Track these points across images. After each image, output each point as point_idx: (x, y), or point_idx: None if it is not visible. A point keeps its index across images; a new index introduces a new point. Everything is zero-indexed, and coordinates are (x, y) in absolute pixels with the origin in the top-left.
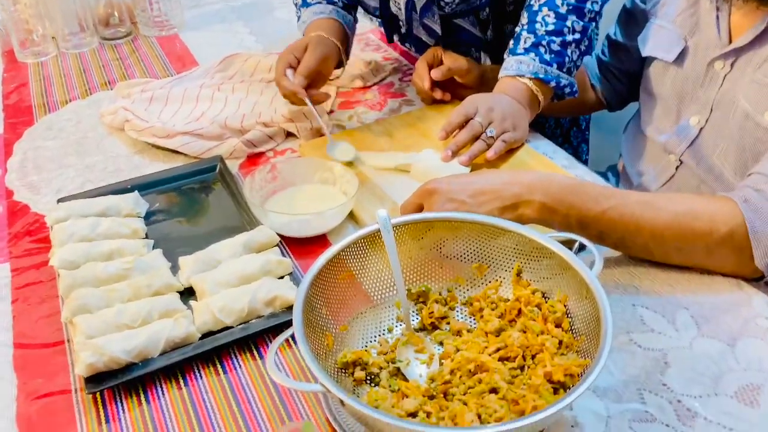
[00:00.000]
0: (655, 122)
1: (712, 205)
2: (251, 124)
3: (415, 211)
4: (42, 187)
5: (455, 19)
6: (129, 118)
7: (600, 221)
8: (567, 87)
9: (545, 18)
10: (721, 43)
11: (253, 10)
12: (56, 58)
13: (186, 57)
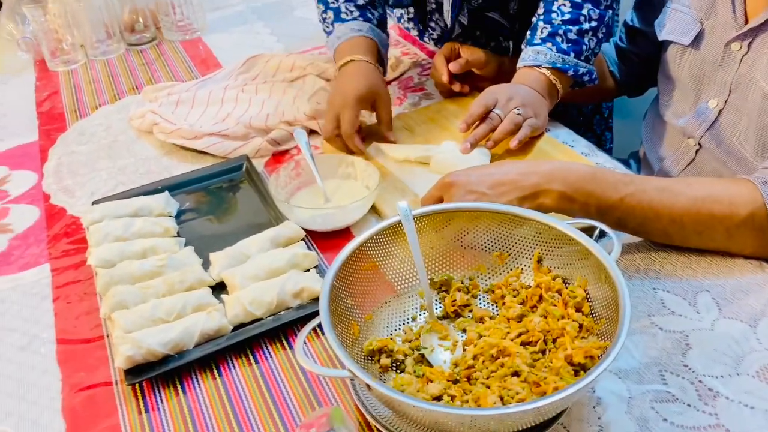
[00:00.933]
0: (674, 106)
1: (731, 188)
2: (275, 123)
3: (436, 204)
4: (77, 190)
5: (485, 12)
6: (157, 121)
7: (619, 208)
8: (586, 75)
9: (561, 7)
10: (737, 24)
11: (273, 10)
12: (85, 65)
13: (209, 59)
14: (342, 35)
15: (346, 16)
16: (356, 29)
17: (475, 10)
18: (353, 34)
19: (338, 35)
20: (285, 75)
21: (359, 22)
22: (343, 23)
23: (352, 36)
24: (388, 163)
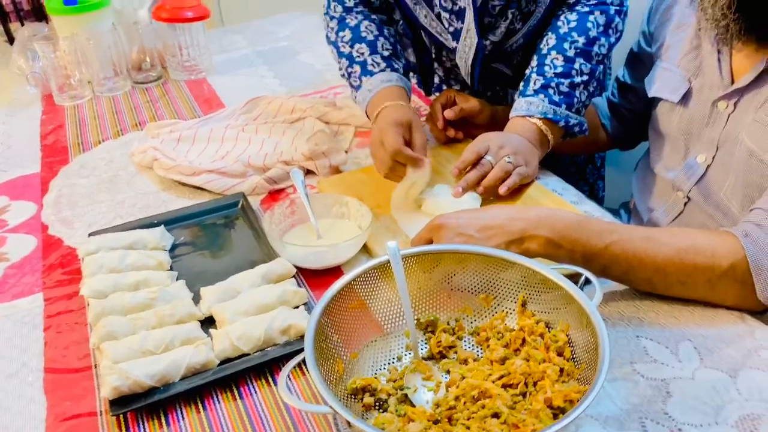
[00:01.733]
0: (664, 160)
1: (714, 239)
2: (273, 163)
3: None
4: (75, 222)
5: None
6: (157, 157)
7: (604, 256)
8: (576, 126)
9: (554, 61)
10: (723, 84)
11: (278, 55)
12: (91, 101)
13: (213, 99)
14: (373, 88)
15: (373, 68)
16: (386, 80)
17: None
18: (384, 85)
19: (369, 88)
20: (285, 116)
21: (387, 73)
22: (372, 76)
23: (383, 87)
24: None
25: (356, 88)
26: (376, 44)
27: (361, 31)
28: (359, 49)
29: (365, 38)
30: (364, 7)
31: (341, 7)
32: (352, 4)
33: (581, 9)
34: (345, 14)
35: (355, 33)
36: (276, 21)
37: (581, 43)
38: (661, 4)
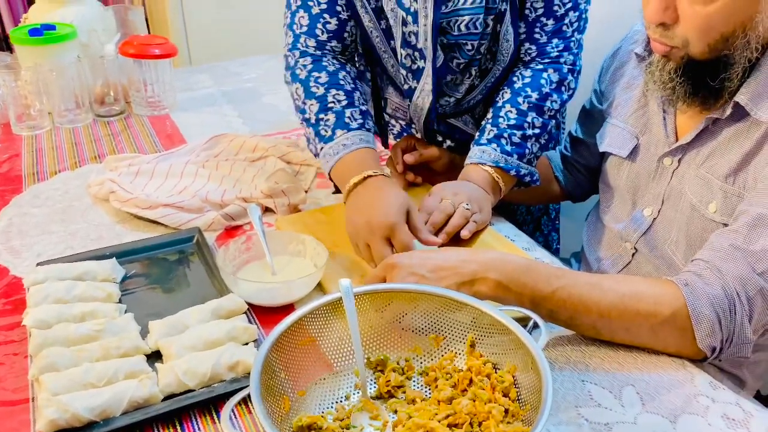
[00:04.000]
0: (613, 212)
1: (656, 287)
2: (231, 199)
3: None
4: (23, 252)
5: (449, 119)
6: (114, 189)
7: (551, 300)
8: (527, 176)
9: (507, 113)
10: (668, 141)
11: (243, 95)
12: (50, 131)
13: (175, 135)
14: (350, 144)
15: (350, 122)
16: (365, 140)
17: (440, 116)
18: (363, 145)
19: (345, 143)
20: (247, 155)
21: (363, 132)
22: (349, 131)
23: (362, 147)
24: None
25: (324, 139)
26: (353, 96)
27: (339, 78)
28: (336, 96)
29: (343, 86)
30: (337, 43)
31: (314, 41)
32: (325, 38)
33: (536, 66)
34: (319, 52)
35: (333, 78)
36: (243, 63)
37: (534, 98)
38: (611, 64)
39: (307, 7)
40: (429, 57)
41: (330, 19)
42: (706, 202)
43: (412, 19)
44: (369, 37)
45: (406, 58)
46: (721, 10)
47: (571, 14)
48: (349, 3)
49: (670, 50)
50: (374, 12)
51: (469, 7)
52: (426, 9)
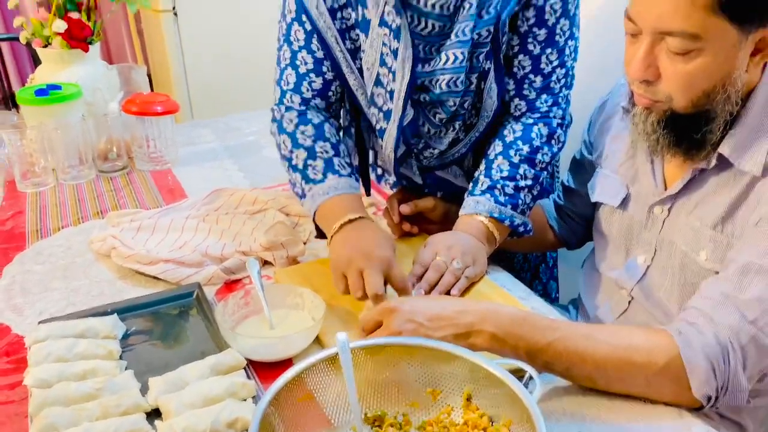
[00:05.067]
0: (608, 260)
1: (650, 338)
2: (230, 253)
3: (375, 327)
4: (26, 309)
5: (436, 171)
6: (116, 246)
7: (547, 352)
8: (521, 226)
9: (500, 165)
10: (657, 191)
11: (243, 149)
12: (54, 188)
13: (176, 190)
14: (340, 188)
15: (341, 169)
16: (354, 186)
17: (426, 168)
18: (352, 190)
19: (335, 186)
20: (247, 208)
21: (353, 180)
22: (340, 176)
23: (350, 192)
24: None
25: (314, 181)
26: (339, 148)
27: (324, 131)
28: (323, 147)
29: (329, 139)
30: (321, 100)
31: (299, 98)
32: (310, 96)
33: (526, 120)
34: (305, 108)
35: (319, 131)
36: (244, 117)
37: (525, 152)
38: (599, 117)
39: (295, 65)
40: (396, 117)
41: (315, 78)
42: (697, 250)
43: (392, 77)
44: (354, 94)
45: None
46: (701, 68)
47: (558, 71)
48: (335, 64)
49: (653, 104)
50: (359, 71)
51: (450, 67)
52: (404, 69)
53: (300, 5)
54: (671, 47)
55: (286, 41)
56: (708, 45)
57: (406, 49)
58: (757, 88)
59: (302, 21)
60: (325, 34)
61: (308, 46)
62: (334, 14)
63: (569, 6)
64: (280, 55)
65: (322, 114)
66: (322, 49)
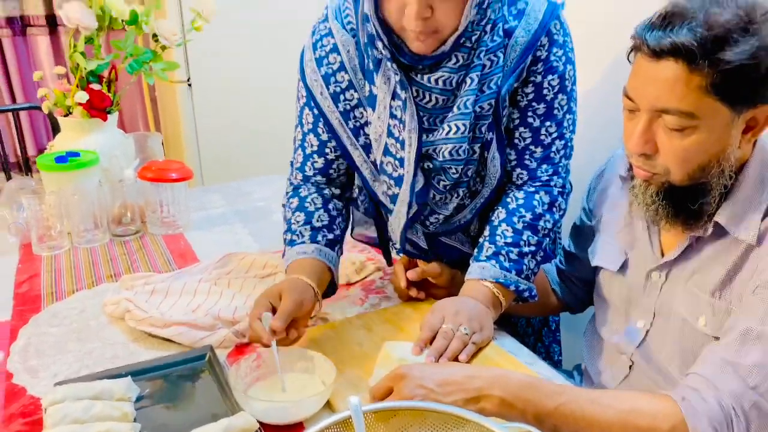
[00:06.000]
0: (608, 324)
1: (654, 403)
2: (242, 316)
3: (386, 394)
4: (41, 371)
5: (442, 237)
6: (130, 309)
7: (554, 416)
8: (526, 291)
9: (504, 232)
10: (654, 257)
11: (253, 213)
12: (69, 251)
13: (188, 253)
14: (289, 258)
15: (296, 239)
16: (302, 252)
17: (432, 234)
18: (298, 257)
19: (287, 257)
20: (257, 272)
21: (306, 245)
22: (292, 247)
23: (296, 259)
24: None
25: (283, 254)
26: (313, 216)
27: (306, 202)
28: (297, 218)
29: (306, 209)
30: (322, 177)
31: (301, 176)
32: (311, 174)
33: (528, 189)
34: (302, 183)
35: (301, 203)
36: (254, 182)
37: (528, 218)
38: (597, 185)
39: (303, 147)
40: (408, 179)
41: (318, 159)
42: (696, 316)
43: (400, 146)
44: (359, 168)
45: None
46: (697, 144)
47: (557, 143)
48: (340, 143)
49: (651, 176)
50: (363, 148)
51: (453, 137)
52: (411, 138)
53: (308, 92)
54: (668, 124)
55: (299, 124)
56: (702, 123)
57: (412, 121)
58: (748, 163)
59: (311, 106)
60: (330, 117)
61: (315, 129)
62: (337, 97)
63: (566, 83)
64: (295, 136)
65: (315, 186)
66: (327, 131)
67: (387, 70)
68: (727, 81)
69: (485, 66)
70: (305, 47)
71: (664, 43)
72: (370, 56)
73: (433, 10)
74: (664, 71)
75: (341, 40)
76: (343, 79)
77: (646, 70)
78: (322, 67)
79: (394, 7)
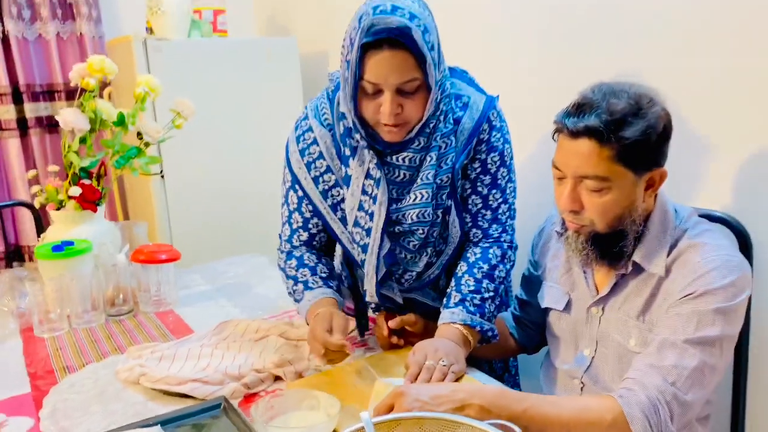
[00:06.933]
0: (561, 356)
1: (599, 401)
2: (246, 371)
3: (388, 410)
4: (74, 429)
5: (414, 293)
6: (145, 372)
7: (523, 418)
8: (489, 331)
9: (467, 282)
10: (591, 294)
11: (234, 289)
12: (69, 332)
13: (182, 326)
14: (313, 298)
15: (313, 285)
16: (322, 293)
17: (406, 290)
18: (320, 296)
19: (309, 299)
20: (252, 335)
21: (323, 289)
22: (312, 290)
23: (320, 298)
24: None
25: (299, 300)
26: (316, 269)
27: (304, 260)
28: (303, 273)
29: (308, 265)
30: (307, 247)
31: (289, 245)
32: (299, 244)
33: (483, 245)
34: (292, 250)
35: (300, 261)
36: (229, 262)
37: (485, 269)
38: (539, 241)
39: (290, 223)
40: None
41: (303, 233)
42: (627, 338)
43: (369, 218)
44: (339, 238)
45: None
46: (612, 200)
47: (503, 206)
48: (321, 218)
49: (580, 227)
50: (341, 220)
51: (418, 203)
52: (380, 210)
53: (294, 176)
54: (588, 186)
55: (286, 203)
56: (614, 184)
57: (383, 195)
58: (653, 212)
59: (296, 189)
60: (312, 197)
61: (299, 208)
62: (317, 180)
63: (506, 158)
64: (282, 212)
65: (307, 249)
66: (311, 210)
67: (362, 155)
68: (628, 152)
69: (441, 147)
70: (289, 140)
71: (579, 126)
72: (348, 144)
73: (403, 108)
74: (581, 147)
75: (320, 134)
76: (321, 165)
77: (567, 146)
78: (305, 157)
79: (372, 107)
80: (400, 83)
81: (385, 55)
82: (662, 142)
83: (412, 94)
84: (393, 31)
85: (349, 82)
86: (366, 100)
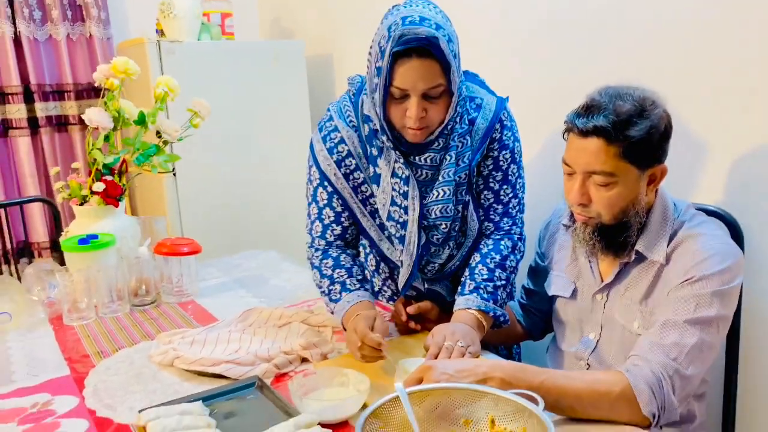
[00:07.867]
0: (566, 340)
1: (609, 375)
2: (275, 353)
3: (417, 383)
4: (118, 406)
5: (435, 282)
6: (179, 354)
7: (540, 389)
8: (501, 317)
9: (480, 271)
10: (596, 282)
11: (252, 280)
12: (97, 321)
13: (205, 315)
14: (352, 300)
15: (351, 287)
16: (361, 296)
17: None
18: (360, 299)
19: (348, 300)
20: (275, 322)
21: (362, 292)
22: (350, 293)
23: (359, 300)
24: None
25: (335, 300)
26: (352, 271)
27: (340, 260)
28: (339, 273)
29: (344, 266)
30: (341, 241)
31: (324, 242)
32: (332, 239)
33: (495, 237)
34: (328, 247)
35: (337, 261)
36: (242, 257)
37: (498, 259)
38: (546, 233)
39: (321, 219)
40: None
41: (336, 227)
42: (631, 322)
43: (403, 212)
44: (368, 232)
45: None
46: (618, 194)
47: (513, 201)
48: (351, 213)
49: (588, 219)
50: (370, 214)
51: (441, 199)
52: (414, 204)
53: (322, 174)
54: (596, 181)
55: (314, 200)
56: (620, 179)
57: (414, 191)
58: (654, 205)
59: (325, 186)
60: (343, 192)
61: (330, 203)
62: (347, 177)
63: (516, 156)
64: (310, 211)
65: (340, 249)
66: (341, 204)
67: (389, 155)
68: (633, 150)
69: (458, 146)
70: (314, 140)
71: (588, 126)
72: (374, 145)
73: (427, 111)
74: (590, 145)
75: (347, 134)
76: (351, 163)
77: (577, 144)
78: (333, 155)
79: (399, 111)
80: (426, 89)
81: (414, 63)
82: (664, 141)
83: (436, 98)
84: (422, 41)
85: (380, 88)
86: (393, 104)
